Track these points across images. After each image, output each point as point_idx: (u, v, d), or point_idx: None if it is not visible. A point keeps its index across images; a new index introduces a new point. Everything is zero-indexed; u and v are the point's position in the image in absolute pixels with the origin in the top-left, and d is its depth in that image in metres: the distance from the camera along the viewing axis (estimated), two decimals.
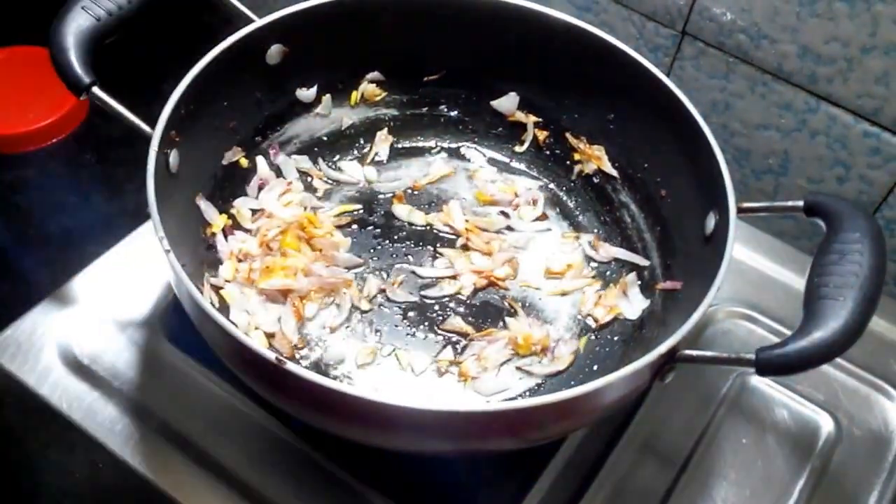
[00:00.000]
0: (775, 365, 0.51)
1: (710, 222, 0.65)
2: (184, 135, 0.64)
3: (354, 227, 0.77)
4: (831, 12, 0.74)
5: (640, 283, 0.74)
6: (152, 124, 0.61)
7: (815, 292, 0.53)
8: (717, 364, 0.56)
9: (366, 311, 0.71)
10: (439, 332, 0.71)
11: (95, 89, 0.60)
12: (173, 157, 0.63)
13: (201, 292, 0.56)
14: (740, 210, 0.62)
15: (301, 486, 0.63)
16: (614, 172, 0.79)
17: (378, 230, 0.78)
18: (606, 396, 0.55)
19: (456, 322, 0.71)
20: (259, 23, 0.70)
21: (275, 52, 0.73)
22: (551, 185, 0.83)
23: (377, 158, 0.83)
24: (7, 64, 1.24)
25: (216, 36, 0.68)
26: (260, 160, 0.77)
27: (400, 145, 0.84)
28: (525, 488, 0.65)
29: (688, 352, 0.55)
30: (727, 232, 0.60)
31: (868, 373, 0.75)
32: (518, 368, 0.69)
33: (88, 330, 0.70)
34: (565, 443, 0.67)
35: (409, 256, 0.76)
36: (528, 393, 0.68)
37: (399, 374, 0.68)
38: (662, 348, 0.54)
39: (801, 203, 0.61)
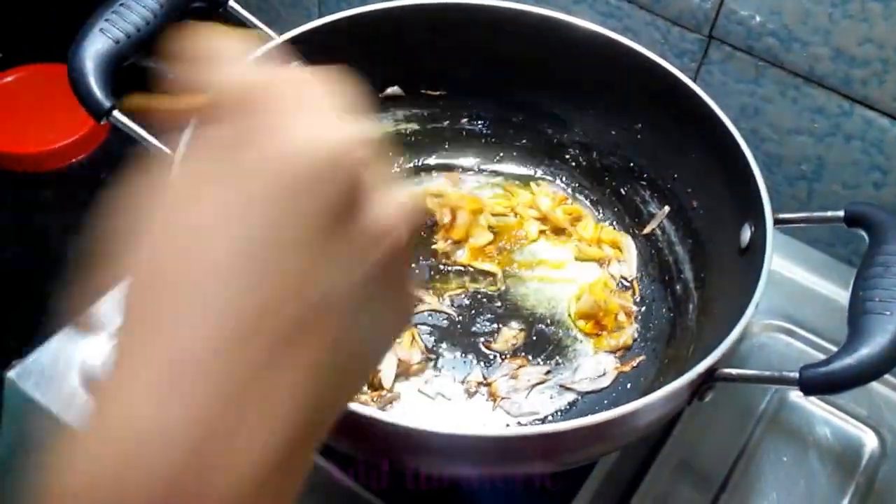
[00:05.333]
0: (820, 383, 0.49)
1: (746, 234, 0.63)
2: None
3: None
4: (865, 13, 0.72)
5: (671, 296, 0.72)
6: (170, 145, 0.60)
7: (859, 307, 0.51)
8: (758, 383, 0.54)
9: None
10: (468, 351, 0.69)
11: (116, 113, 0.60)
12: None
13: None
14: (777, 221, 0.60)
15: None
16: (643, 183, 0.78)
17: None
18: (643, 418, 0.54)
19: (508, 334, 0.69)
20: (279, 40, 0.69)
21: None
22: (578, 197, 0.81)
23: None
24: (29, 81, 1.23)
25: None
26: None
27: (421, 161, 0.83)
28: None
29: (727, 370, 0.53)
30: (764, 245, 0.58)
31: None
32: (561, 386, 0.67)
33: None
34: (597, 465, 0.65)
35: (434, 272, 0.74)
36: (559, 413, 0.66)
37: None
38: (701, 367, 0.52)
39: (841, 213, 0.59)
